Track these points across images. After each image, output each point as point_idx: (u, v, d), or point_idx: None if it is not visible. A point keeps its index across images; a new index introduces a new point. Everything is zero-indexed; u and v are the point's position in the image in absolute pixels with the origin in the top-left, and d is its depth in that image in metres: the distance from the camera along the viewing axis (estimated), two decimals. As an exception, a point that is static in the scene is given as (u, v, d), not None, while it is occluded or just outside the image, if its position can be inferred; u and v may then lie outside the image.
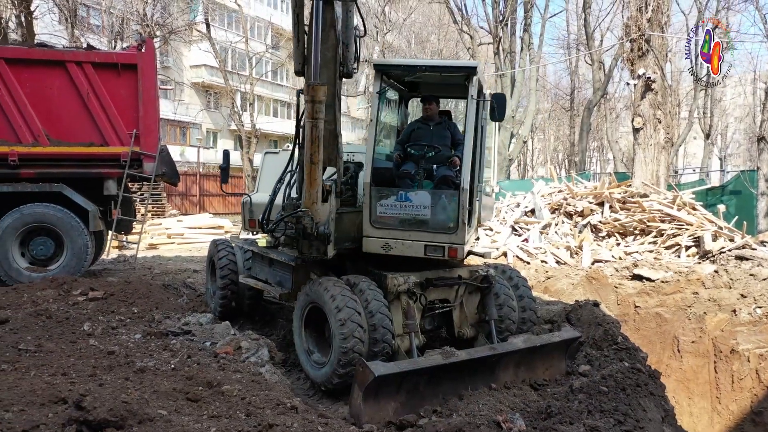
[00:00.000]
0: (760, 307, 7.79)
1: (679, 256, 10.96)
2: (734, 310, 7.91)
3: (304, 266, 5.89)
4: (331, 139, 5.61)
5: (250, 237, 8.19)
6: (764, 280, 8.37)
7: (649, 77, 14.38)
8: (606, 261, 10.99)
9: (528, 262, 11.58)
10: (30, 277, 8.46)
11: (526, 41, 25.46)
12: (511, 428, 4.26)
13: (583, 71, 39.45)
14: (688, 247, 11.12)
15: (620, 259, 11.06)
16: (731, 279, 8.63)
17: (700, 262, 10.36)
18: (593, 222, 12.40)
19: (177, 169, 10.30)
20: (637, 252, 11.29)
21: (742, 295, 8.09)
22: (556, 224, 12.89)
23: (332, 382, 5.18)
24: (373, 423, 4.42)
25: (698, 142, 40.83)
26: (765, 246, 10.77)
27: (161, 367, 4.51)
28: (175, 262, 12.62)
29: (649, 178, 14.27)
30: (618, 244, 11.77)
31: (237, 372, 4.51)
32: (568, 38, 37.10)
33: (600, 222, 12.35)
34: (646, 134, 14.62)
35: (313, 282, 5.51)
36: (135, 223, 10.68)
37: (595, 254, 11.33)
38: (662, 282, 9.03)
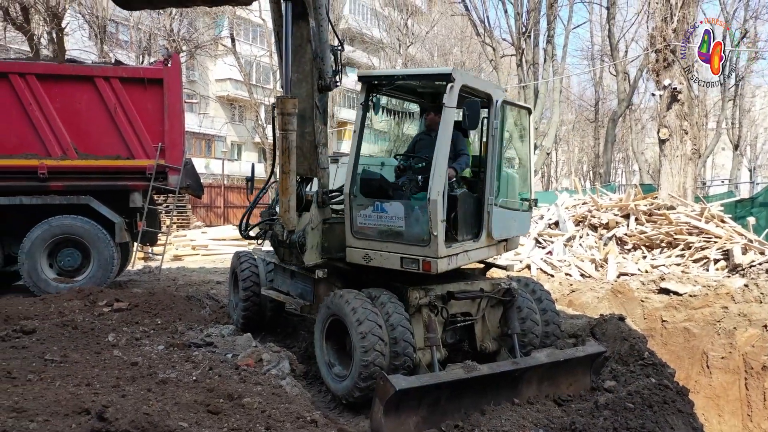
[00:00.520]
0: (792, 323, 7.57)
1: (707, 270, 10.73)
2: (765, 325, 7.69)
3: (326, 279, 5.89)
4: (311, 150, 5.77)
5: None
6: (797, 294, 8.15)
7: (675, 88, 14.20)
8: (632, 274, 10.81)
9: (552, 275, 11.44)
10: (57, 287, 8.61)
11: (549, 53, 25.33)
12: (534, 445, 4.20)
13: (608, 82, 39.12)
14: (716, 261, 10.89)
15: (646, 272, 10.87)
16: (762, 293, 8.41)
17: (729, 276, 10.13)
18: (619, 234, 12.22)
19: (201, 181, 10.42)
20: (663, 265, 11.08)
21: (773, 310, 7.88)
22: (580, 237, 12.73)
23: (353, 395, 5.15)
24: (394, 438, 4.38)
25: (727, 153, 40.12)
26: (797, 259, 10.49)
27: (183, 379, 4.53)
28: (199, 273, 12.73)
29: (675, 190, 14.04)
30: (644, 257, 11.57)
31: (258, 384, 4.51)
32: (592, 49, 36.86)
33: (626, 234, 12.17)
34: (673, 145, 14.41)
35: (334, 294, 5.50)
36: (160, 234, 10.81)
37: (620, 267, 11.15)
38: (690, 296, 8.84)
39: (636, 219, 12.42)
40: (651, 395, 4.90)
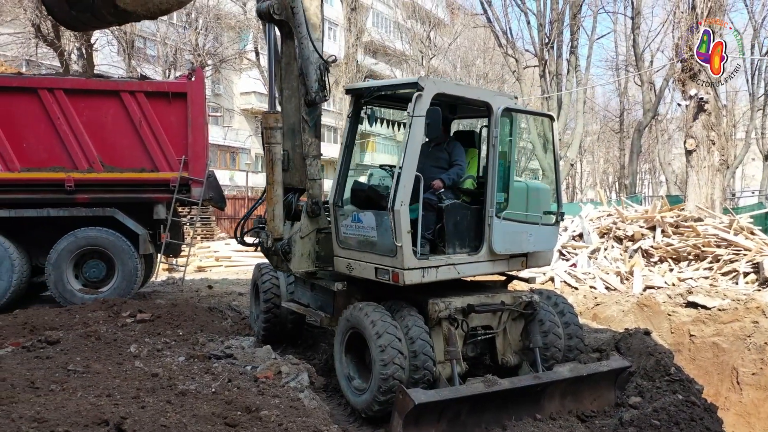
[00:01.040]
0: (826, 338, 7.34)
1: (736, 283, 10.48)
2: (798, 341, 7.48)
3: (346, 291, 5.88)
4: (300, 162, 5.98)
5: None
6: (830, 309, 7.90)
7: (702, 98, 13.97)
8: (658, 287, 10.60)
9: (576, 288, 11.28)
10: (83, 298, 8.73)
11: (572, 63, 25.18)
12: (556, 462, 4.11)
13: (633, 92, 38.72)
14: (746, 274, 10.63)
15: (673, 285, 10.66)
16: (794, 307, 8.18)
17: (759, 290, 9.88)
18: (644, 247, 12.02)
19: (224, 193, 10.52)
20: (691, 278, 10.86)
21: (806, 325, 7.65)
22: (605, 249, 12.55)
23: (372, 409, 5.11)
24: (413, 452, 4.33)
25: (757, 164, 39.29)
26: (831, 273, 10.19)
27: (202, 391, 4.54)
28: (221, 284, 12.82)
29: (703, 202, 13.78)
30: (671, 270, 11.36)
31: (276, 397, 4.50)
32: (616, 59, 36.54)
33: (652, 247, 11.96)
34: (700, 156, 14.17)
35: (353, 307, 5.48)
36: (183, 246, 10.92)
37: (646, 280, 10.95)
38: (719, 310, 8.63)
39: (662, 231, 12.21)
40: (678, 412, 4.78)
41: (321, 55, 5.74)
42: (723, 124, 16.04)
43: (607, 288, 11.10)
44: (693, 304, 9.12)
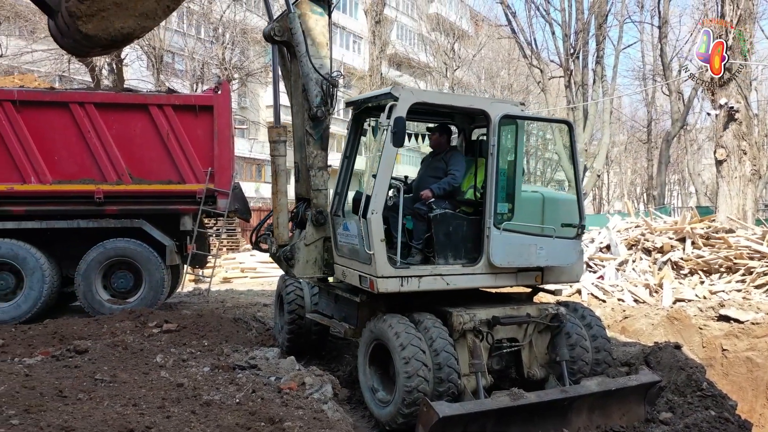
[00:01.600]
0: None
1: (771, 296, 10.21)
2: (836, 356, 7.24)
3: (369, 302, 5.86)
4: (306, 173, 6.29)
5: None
6: None
7: (732, 107, 13.72)
8: (689, 300, 10.37)
9: (603, 300, 11.09)
10: (111, 308, 8.86)
11: (598, 73, 24.95)
12: (585, 479, 4.01)
13: (661, 102, 38.23)
14: (781, 286, 10.35)
15: (705, 298, 10.41)
16: (832, 321, 7.94)
17: (795, 303, 9.60)
18: (674, 259, 11.79)
19: (249, 205, 10.61)
20: (723, 291, 10.60)
21: None
22: (633, 261, 12.34)
23: (396, 421, 5.06)
24: (437, 466, 4.28)
25: (790, 174, 38.38)
26: None
27: (226, 401, 4.55)
28: (247, 296, 12.89)
29: (734, 213, 13.49)
30: (702, 283, 11.11)
31: (299, 408, 4.49)
32: (643, 69, 36.09)
33: (681, 259, 11.73)
34: (730, 166, 13.90)
35: (377, 318, 5.46)
36: (209, 257, 11.03)
37: (676, 293, 10.72)
38: (752, 324, 8.41)
39: (692, 243, 11.97)
40: (710, 429, 4.66)
41: (320, 72, 6.02)
42: (754, 134, 15.70)
43: (635, 300, 10.90)
44: (725, 318, 8.90)
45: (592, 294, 11.41)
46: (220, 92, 9.45)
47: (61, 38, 5.58)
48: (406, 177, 6.43)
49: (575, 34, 24.88)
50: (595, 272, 12.35)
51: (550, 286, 6.33)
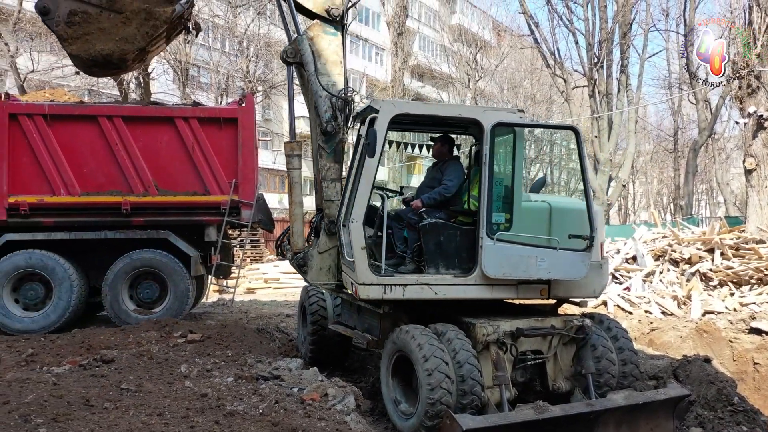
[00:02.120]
0: None
1: (804, 309, 9.94)
2: None
3: (392, 313, 5.84)
4: (318, 185, 6.64)
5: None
6: None
7: (761, 115, 13.47)
8: (718, 312, 10.15)
9: (630, 312, 10.91)
10: (137, 318, 8.96)
11: (623, 82, 24.67)
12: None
13: (687, 111, 37.66)
14: (814, 299, 10.08)
15: (735, 310, 10.18)
16: None
17: (829, 316, 9.33)
18: (703, 270, 11.56)
19: (272, 216, 10.68)
20: (754, 303, 10.36)
21: None
22: (660, 272, 12.13)
23: (419, 433, 5.02)
24: (461, 480, 4.22)
25: (822, 183, 37.46)
26: None
27: (249, 412, 4.57)
28: (270, 306, 12.97)
29: (765, 223, 13.20)
30: (732, 294, 10.87)
31: (322, 420, 4.48)
32: (669, 77, 35.65)
33: (710, 270, 11.50)
34: (760, 176, 13.62)
35: (400, 330, 5.44)
36: (233, 268, 11.11)
37: (705, 305, 10.50)
38: (785, 337, 8.20)
39: (721, 253, 11.74)
40: (742, 445, 4.52)
41: (328, 90, 6.37)
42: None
43: (663, 312, 10.70)
44: (757, 331, 8.69)
45: (619, 306, 11.23)
46: (244, 105, 9.56)
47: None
48: (402, 187, 6.77)
49: (599, 43, 24.66)
50: (621, 283, 12.17)
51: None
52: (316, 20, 6.64)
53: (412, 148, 7.68)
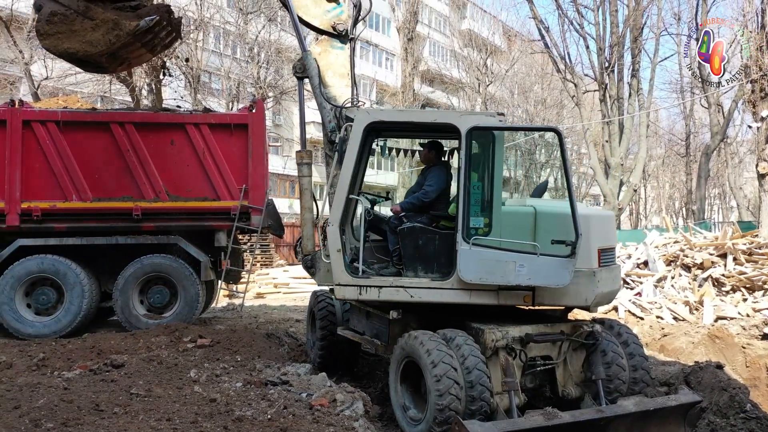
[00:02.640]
0: None
1: (818, 314, 9.82)
2: None
3: (401, 319, 5.84)
4: (328, 190, 6.70)
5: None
6: None
7: (774, 119, 13.36)
8: (731, 318, 10.05)
9: (641, 318, 10.83)
10: (147, 323, 9.01)
11: (634, 87, 24.54)
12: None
13: (699, 115, 37.43)
14: (829, 304, 9.96)
15: (748, 316, 10.08)
16: None
17: None
18: (715, 275, 11.46)
19: (282, 221, 10.71)
20: (767, 309, 10.25)
21: None
22: (672, 277, 12.03)
23: (428, 440, 5.01)
24: (469, 487, 4.20)
25: (838, 188, 37.02)
26: None
27: (258, 417, 4.58)
28: (279, 311, 12.99)
29: (778, 228, 13.08)
30: (745, 300, 10.76)
31: (330, 425, 4.48)
32: (681, 81, 35.42)
33: (723, 275, 11.39)
34: (774, 180, 13.49)
35: (408, 335, 5.43)
36: (243, 273, 11.15)
37: (718, 310, 10.41)
38: (799, 343, 8.10)
39: (734, 259, 11.63)
40: (755, 453, 4.47)
41: (330, 103, 6.64)
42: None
43: (675, 318, 10.61)
44: (770, 337, 8.60)
45: (630, 311, 11.15)
46: (254, 111, 9.60)
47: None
48: (387, 192, 6.95)
49: (610, 47, 24.56)
50: (632, 289, 12.09)
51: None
52: (323, 36, 6.96)
53: (412, 154, 7.85)
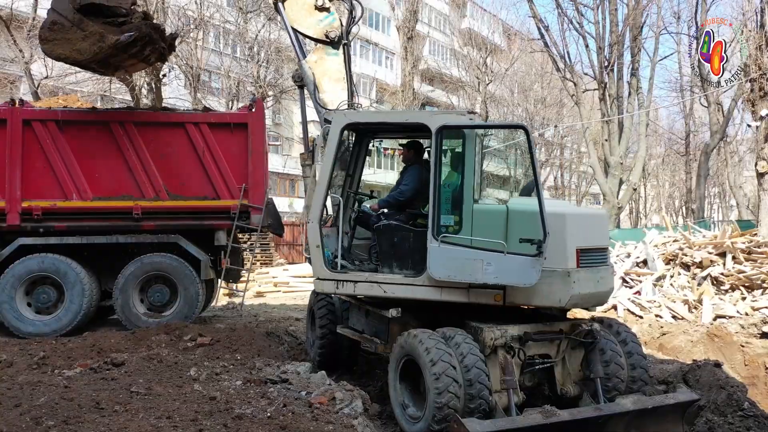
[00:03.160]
0: None
1: (817, 313, 9.84)
2: None
3: (400, 318, 5.86)
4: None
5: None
6: None
7: (774, 118, 13.38)
8: (730, 317, 10.08)
9: (640, 317, 10.85)
10: (147, 322, 9.03)
11: (634, 86, 24.55)
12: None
13: (699, 114, 37.41)
14: (828, 303, 9.98)
15: (747, 315, 10.10)
16: None
17: (843, 320, 9.24)
18: (714, 274, 11.47)
19: (282, 220, 10.73)
20: (766, 307, 10.26)
21: None
22: (671, 276, 12.05)
23: (427, 438, 5.03)
24: (468, 484, 4.23)
25: (837, 186, 37.00)
26: None
27: (258, 415, 4.60)
28: (279, 310, 13.01)
29: (777, 226, 13.10)
30: (744, 299, 10.78)
31: (329, 423, 4.50)
32: (680, 80, 35.41)
33: (722, 274, 11.41)
34: (773, 179, 13.51)
35: (407, 334, 5.45)
36: (243, 272, 11.17)
37: (717, 309, 10.43)
38: (797, 341, 8.12)
39: (733, 257, 11.65)
40: (752, 450, 4.49)
41: (326, 108, 6.85)
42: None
43: (674, 317, 10.64)
44: (768, 335, 8.62)
45: (629, 310, 11.18)
46: (254, 110, 9.62)
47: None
48: (371, 191, 7.31)
49: (609, 46, 24.57)
50: (631, 287, 12.11)
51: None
52: (318, 44, 7.24)
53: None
